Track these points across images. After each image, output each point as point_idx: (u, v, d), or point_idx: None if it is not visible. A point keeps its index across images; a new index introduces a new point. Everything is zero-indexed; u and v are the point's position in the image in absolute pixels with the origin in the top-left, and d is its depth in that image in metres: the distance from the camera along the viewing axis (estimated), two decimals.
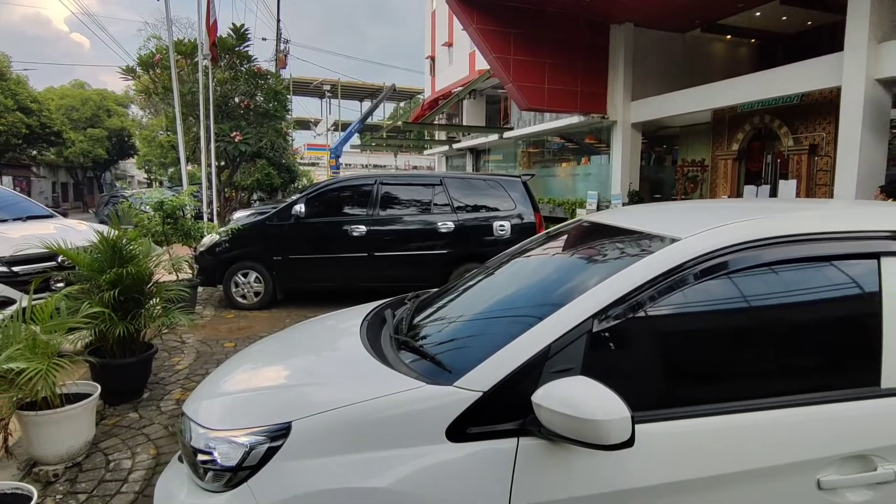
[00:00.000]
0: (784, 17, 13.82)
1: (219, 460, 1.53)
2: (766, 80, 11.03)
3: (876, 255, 1.56)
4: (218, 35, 10.67)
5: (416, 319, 2.10)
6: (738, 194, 13.31)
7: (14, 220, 5.44)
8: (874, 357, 1.49)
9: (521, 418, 1.40)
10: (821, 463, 1.41)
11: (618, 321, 1.46)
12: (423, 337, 1.93)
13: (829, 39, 12.29)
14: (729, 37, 15.65)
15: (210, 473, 1.55)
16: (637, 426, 1.33)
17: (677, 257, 1.52)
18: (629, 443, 1.25)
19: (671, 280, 1.49)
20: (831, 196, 10.36)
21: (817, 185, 11.83)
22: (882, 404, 1.46)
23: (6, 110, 24.83)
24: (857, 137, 9.13)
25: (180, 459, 1.77)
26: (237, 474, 1.50)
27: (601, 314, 1.46)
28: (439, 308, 2.13)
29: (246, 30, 11.93)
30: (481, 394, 1.43)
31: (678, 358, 1.58)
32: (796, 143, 12.14)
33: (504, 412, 1.42)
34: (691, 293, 1.51)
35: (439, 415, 1.43)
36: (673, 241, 1.61)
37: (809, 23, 13.90)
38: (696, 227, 1.62)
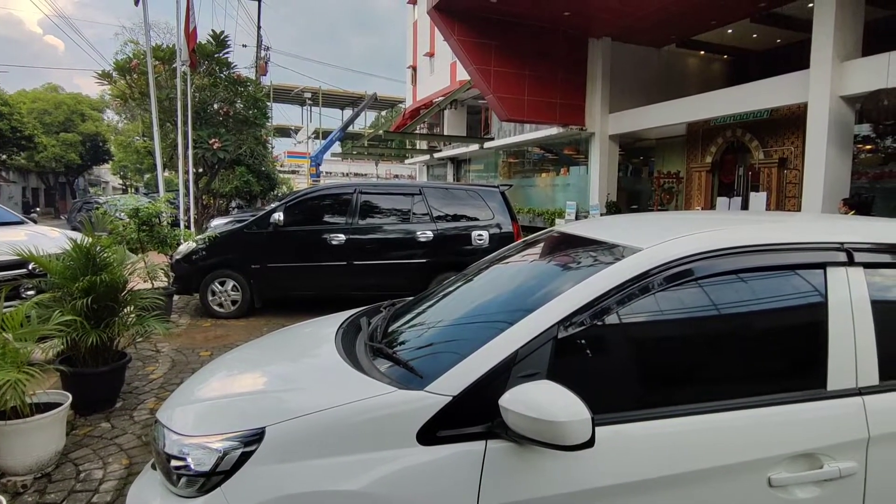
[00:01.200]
0: (755, 35, 14.29)
1: (192, 466, 1.55)
2: (738, 96, 11.38)
3: (822, 266, 1.66)
4: (197, 41, 10.61)
5: (391, 327, 2.14)
6: (712, 205, 13.64)
7: None
8: (821, 361, 1.58)
9: (490, 421, 1.45)
10: (771, 461, 1.49)
11: (581, 328, 1.52)
12: (397, 344, 1.97)
13: (797, 57, 12.73)
14: (703, 52, 16.10)
15: (183, 479, 1.56)
16: (601, 427, 1.40)
17: (638, 267, 1.60)
18: (589, 443, 1.31)
19: (632, 288, 1.57)
20: (799, 208, 10.70)
21: (787, 197, 12.20)
22: (828, 405, 1.55)
23: None
24: (822, 151, 9.46)
25: (153, 467, 1.78)
26: (210, 479, 1.52)
27: (566, 321, 1.52)
28: (414, 316, 2.18)
29: (226, 37, 11.88)
30: (451, 398, 1.47)
31: (636, 363, 1.65)
32: (766, 157, 12.52)
33: (473, 416, 1.47)
34: (650, 301, 1.59)
35: (410, 419, 1.47)
36: (634, 251, 1.69)
37: (779, 40, 14.38)
38: (656, 238, 1.70)
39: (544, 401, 1.34)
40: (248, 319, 6.51)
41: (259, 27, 22.73)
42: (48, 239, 4.73)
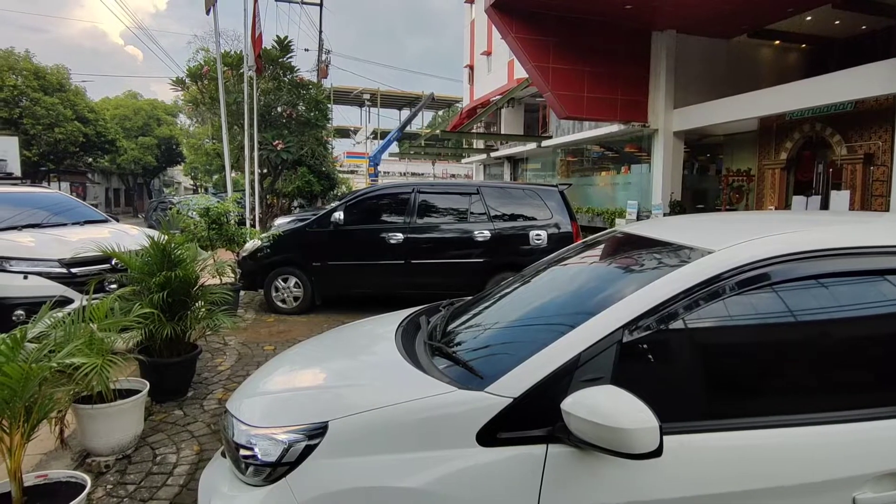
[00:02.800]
0: (837, 22, 13.32)
1: (259, 456, 1.61)
2: (817, 87, 10.64)
3: None
4: (263, 47, 11.07)
5: (450, 326, 2.14)
6: (787, 205, 12.84)
7: (73, 224, 5.78)
8: None
9: (551, 425, 1.42)
10: (857, 480, 1.37)
11: (648, 332, 1.46)
12: (456, 343, 1.97)
13: (883, 45, 11.79)
14: (777, 42, 15.17)
15: (251, 468, 1.62)
16: (667, 437, 1.34)
17: (710, 269, 1.52)
18: (657, 452, 1.26)
19: (704, 292, 1.49)
20: (888, 208, 9.88)
21: (873, 196, 11.30)
22: None
23: (65, 120, 26.31)
24: None
25: (223, 455, 1.86)
26: (276, 470, 1.57)
27: (632, 325, 1.47)
28: (473, 315, 2.17)
29: (289, 42, 12.33)
30: (511, 400, 1.45)
31: (711, 371, 1.56)
32: (850, 152, 11.64)
33: (534, 419, 1.44)
34: (724, 306, 1.50)
35: (470, 419, 1.46)
36: (706, 252, 1.60)
37: (864, 27, 13.35)
38: (729, 240, 1.61)
39: (609, 406, 1.29)
40: (308, 316, 6.72)
41: (321, 31, 23.42)
42: (129, 236, 5.07)
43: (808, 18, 13.00)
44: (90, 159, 32.23)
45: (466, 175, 33.56)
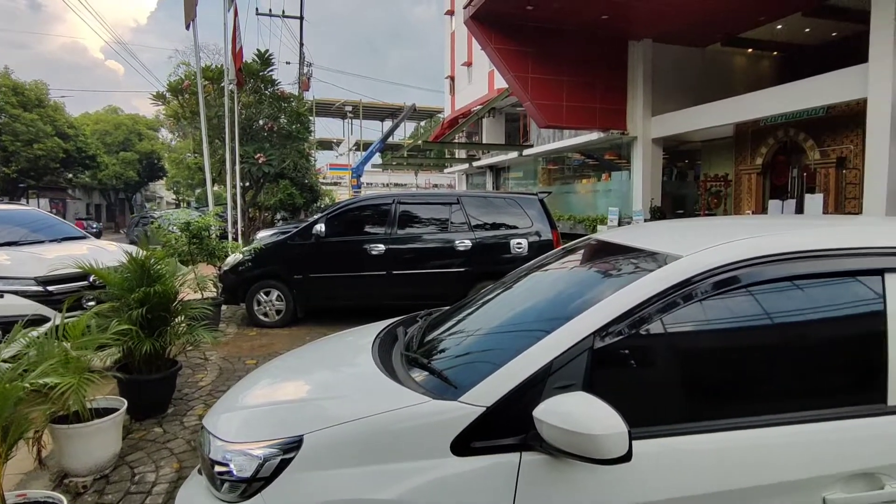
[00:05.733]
0: (807, 29, 13.69)
1: (234, 472, 1.60)
2: (790, 93, 10.90)
3: (880, 272, 1.56)
4: (244, 60, 11.06)
5: (427, 337, 2.15)
6: (764, 209, 13.09)
7: (50, 241, 5.69)
8: (881, 374, 1.49)
9: (524, 433, 1.43)
10: (826, 480, 1.40)
11: (618, 338, 1.49)
12: (432, 353, 1.98)
13: (854, 50, 12.12)
14: (750, 50, 15.54)
15: (226, 485, 1.61)
16: (638, 442, 1.36)
17: (678, 275, 1.55)
18: (626, 457, 1.28)
19: (672, 297, 1.52)
20: (860, 210, 10.13)
21: (846, 198, 11.57)
22: (889, 422, 1.46)
23: (45, 136, 25.97)
24: (885, 149, 8.93)
25: (200, 472, 1.84)
26: (251, 485, 1.56)
27: (602, 331, 1.49)
28: (449, 325, 2.18)
29: (270, 55, 12.34)
30: (485, 409, 1.47)
31: (680, 375, 1.59)
32: (823, 157, 11.93)
33: (507, 427, 1.46)
34: (692, 311, 1.53)
35: (444, 429, 1.47)
36: (675, 258, 1.64)
37: (834, 34, 13.73)
38: (697, 245, 1.65)
39: (579, 413, 1.31)
40: (291, 329, 6.67)
41: (301, 44, 23.44)
42: (107, 252, 5.00)
43: (780, 27, 13.35)
44: (70, 175, 31.80)
45: (449, 185, 33.69)
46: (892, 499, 1.39)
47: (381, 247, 6.59)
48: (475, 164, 24.43)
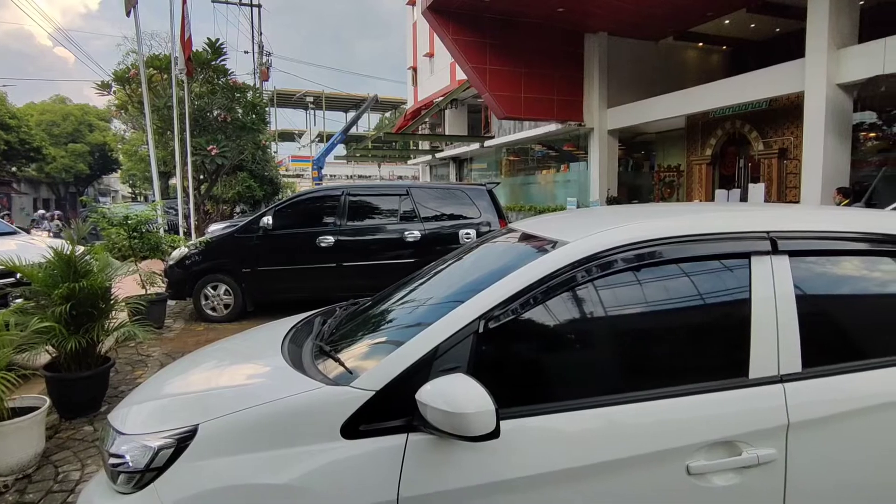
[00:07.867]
0: (752, 25, 14.16)
1: (129, 463, 1.60)
2: (735, 87, 11.29)
3: (747, 255, 1.67)
4: (193, 50, 10.75)
5: (340, 326, 2.18)
6: (713, 198, 13.55)
7: None
8: (744, 350, 1.60)
9: (410, 415, 1.48)
10: (690, 450, 1.50)
11: (500, 322, 1.55)
12: (340, 343, 2.01)
13: (796, 46, 12.61)
14: (701, 44, 15.98)
15: (122, 476, 1.61)
16: (513, 420, 1.43)
17: (560, 261, 1.62)
18: (495, 434, 1.34)
19: (553, 282, 1.59)
20: (800, 199, 10.59)
21: (787, 188, 12.09)
22: (749, 393, 1.56)
23: None
24: (820, 141, 9.37)
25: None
26: (145, 475, 1.56)
27: (486, 315, 1.55)
28: (362, 315, 2.22)
29: (221, 44, 12.02)
30: (373, 393, 1.51)
31: (554, 356, 1.67)
32: (766, 148, 12.41)
33: (395, 410, 1.50)
34: (572, 295, 1.61)
35: (334, 414, 1.51)
36: (562, 245, 1.71)
37: (777, 30, 14.24)
38: (582, 232, 1.72)
39: (454, 393, 1.37)
40: (240, 323, 6.58)
41: (260, 34, 22.93)
42: (35, 248, 4.83)
43: (727, 22, 13.77)
44: (14, 168, 30.33)
45: (413, 176, 33.61)
46: (749, 464, 1.50)
47: (331, 239, 6.56)
48: (438, 155, 24.44)
